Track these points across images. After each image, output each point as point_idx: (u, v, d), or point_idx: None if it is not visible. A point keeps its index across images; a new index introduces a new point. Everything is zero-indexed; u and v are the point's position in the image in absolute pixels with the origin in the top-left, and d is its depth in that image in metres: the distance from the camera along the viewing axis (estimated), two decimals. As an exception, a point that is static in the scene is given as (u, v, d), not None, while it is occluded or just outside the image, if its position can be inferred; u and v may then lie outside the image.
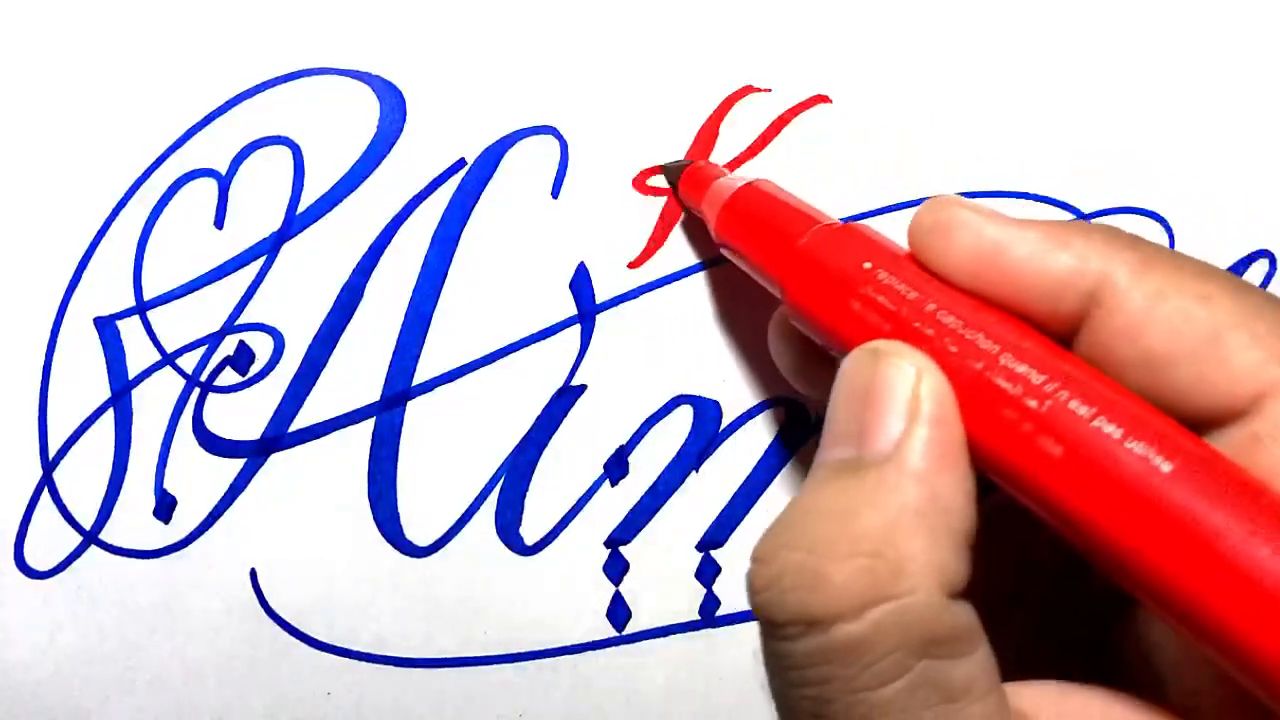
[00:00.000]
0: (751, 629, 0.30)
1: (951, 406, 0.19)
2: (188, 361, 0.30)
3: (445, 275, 0.30)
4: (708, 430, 0.30)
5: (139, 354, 0.30)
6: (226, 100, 0.30)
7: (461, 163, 0.30)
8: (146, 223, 0.30)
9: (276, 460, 0.30)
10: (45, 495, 0.30)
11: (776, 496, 0.30)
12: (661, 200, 0.30)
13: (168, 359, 0.30)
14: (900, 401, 0.19)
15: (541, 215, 0.30)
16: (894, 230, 0.30)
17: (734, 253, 0.27)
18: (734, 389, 0.30)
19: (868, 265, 0.21)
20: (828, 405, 0.20)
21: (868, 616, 0.17)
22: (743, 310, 0.30)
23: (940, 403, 0.19)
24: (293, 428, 0.30)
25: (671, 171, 0.30)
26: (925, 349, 0.20)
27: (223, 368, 0.30)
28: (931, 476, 0.18)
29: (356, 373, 0.30)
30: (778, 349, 0.27)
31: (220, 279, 0.30)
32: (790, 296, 0.23)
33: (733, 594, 0.30)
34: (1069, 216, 0.30)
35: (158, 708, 0.30)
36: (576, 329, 0.30)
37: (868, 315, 0.21)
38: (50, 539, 0.30)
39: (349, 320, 0.30)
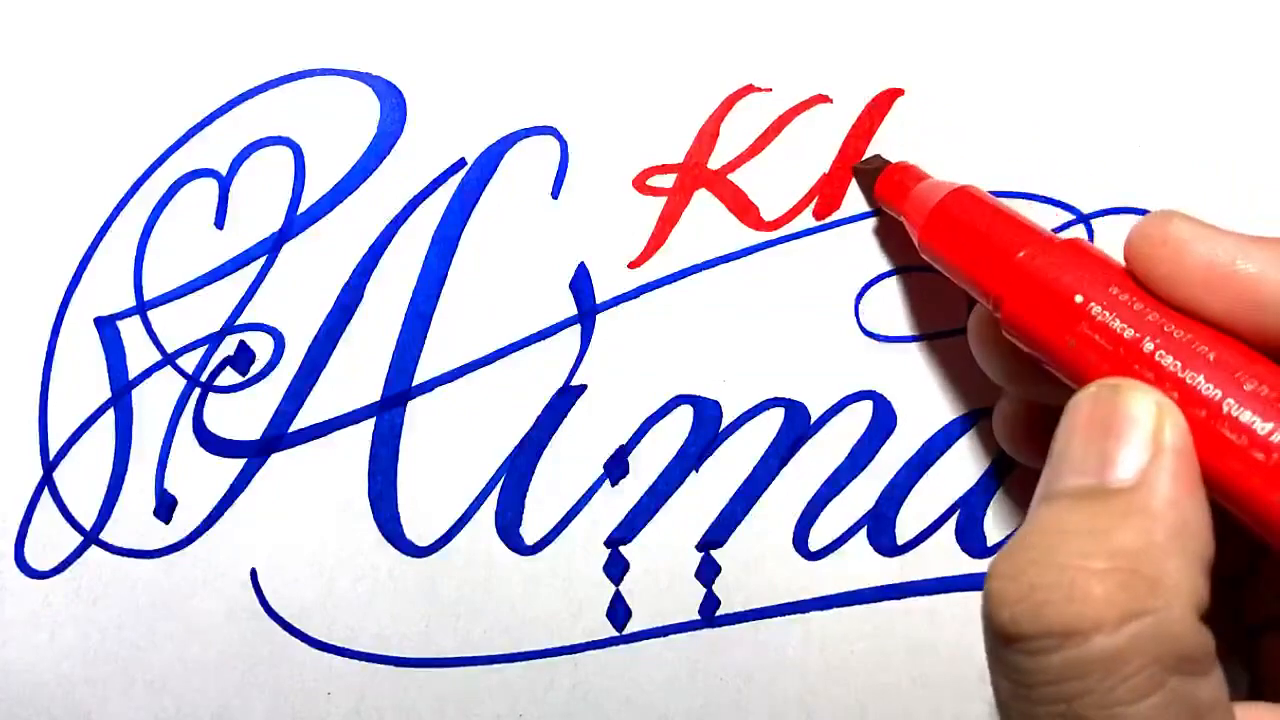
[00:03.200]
0: (751, 629, 0.30)
1: (1189, 439, 0.20)
2: (188, 361, 0.30)
3: (445, 275, 0.30)
4: (708, 430, 0.30)
5: (139, 354, 0.30)
6: (227, 100, 0.30)
7: (461, 163, 0.30)
8: (147, 223, 0.30)
9: (276, 460, 0.30)
10: (45, 495, 0.30)
11: (776, 496, 0.30)
12: (661, 200, 0.30)
13: (168, 359, 0.30)
14: (1144, 433, 0.19)
15: (541, 215, 0.30)
16: (892, 231, 0.30)
17: (937, 259, 0.26)
18: (734, 389, 0.30)
19: (1091, 288, 0.22)
20: (1056, 436, 0.21)
21: (1126, 629, 0.18)
22: (743, 310, 0.30)
23: (1182, 435, 0.19)
24: (293, 428, 0.30)
25: (865, 172, 0.29)
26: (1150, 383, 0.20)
27: (223, 368, 0.30)
28: (1180, 502, 0.19)
29: (356, 373, 0.30)
30: (981, 350, 0.27)
31: (220, 279, 0.30)
32: (1007, 311, 0.23)
33: (733, 594, 0.30)
34: (1069, 216, 0.30)
35: (158, 708, 0.30)
36: (576, 329, 0.30)
37: (1092, 337, 0.21)
38: (50, 539, 0.30)
39: (349, 320, 0.30)
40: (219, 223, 0.30)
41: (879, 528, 0.31)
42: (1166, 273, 0.21)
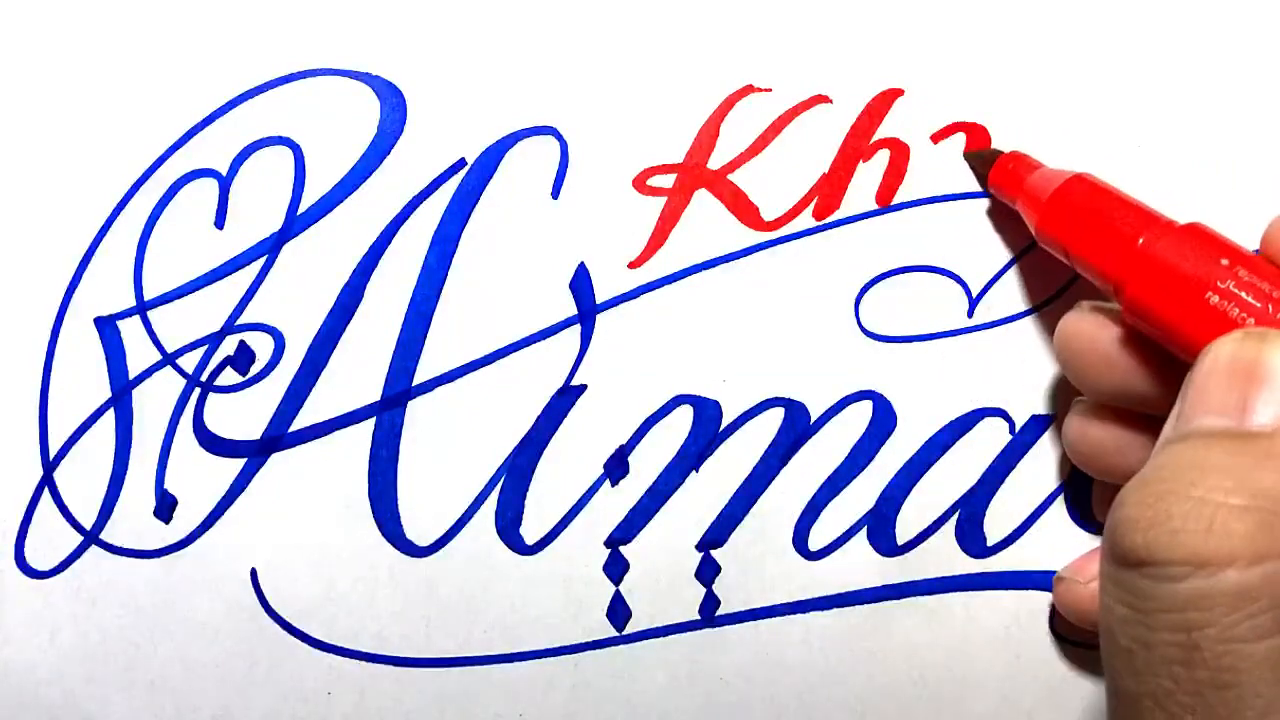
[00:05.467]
0: (751, 629, 0.30)
1: None
2: (188, 361, 0.30)
3: (445, 275, 0.30)
4: (708, 430, 0.30)
5: (139, 354, 0.30)
6: (227, 100, 0.30)
7: (461, 163, 0.30)
8: (147, 223, 0.30)
9: (277, 460, 0.30)
10: (45, 495, 0.30)
11: (776, 496, 0.30)
12: (661, 200, 0.30)
13: (168, 359, 0.30)
14: None
15: (541, 215, 0.30)
16: (892, 232, 0.30)
17: (1056, 246, 0.27)
18: (734, 389, 0.30)
19: (1225, 262, 0.22)
20: (1190, 380, 0.21)
21: (1260, 568, 0.18)
22: (743, 310, 0.30)
23: None
24: (293, 428, 0.30)
25: (979, 159, 0.29)
26: None
27: (223, 368, 0.30)
28: None
29: (357, 373, 0.30)
30: (1077, 346, 0.26)
31: (221, 279, 0.30)
32: (1131, 295, 0.23)
33: (733, 594, 0.30)
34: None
35: (158, 708, 0.30)
36: (576, 329, 0.30)
37: (1228, 308, 0.22)
38: (50, 539, 0.30)
39: (349, 320, 0.30)
40: (219, 223, 0.30)
41: (879, 528, 0.31)
42: None
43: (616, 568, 0.30)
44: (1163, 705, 0.18)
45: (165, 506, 0.30)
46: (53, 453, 0.30)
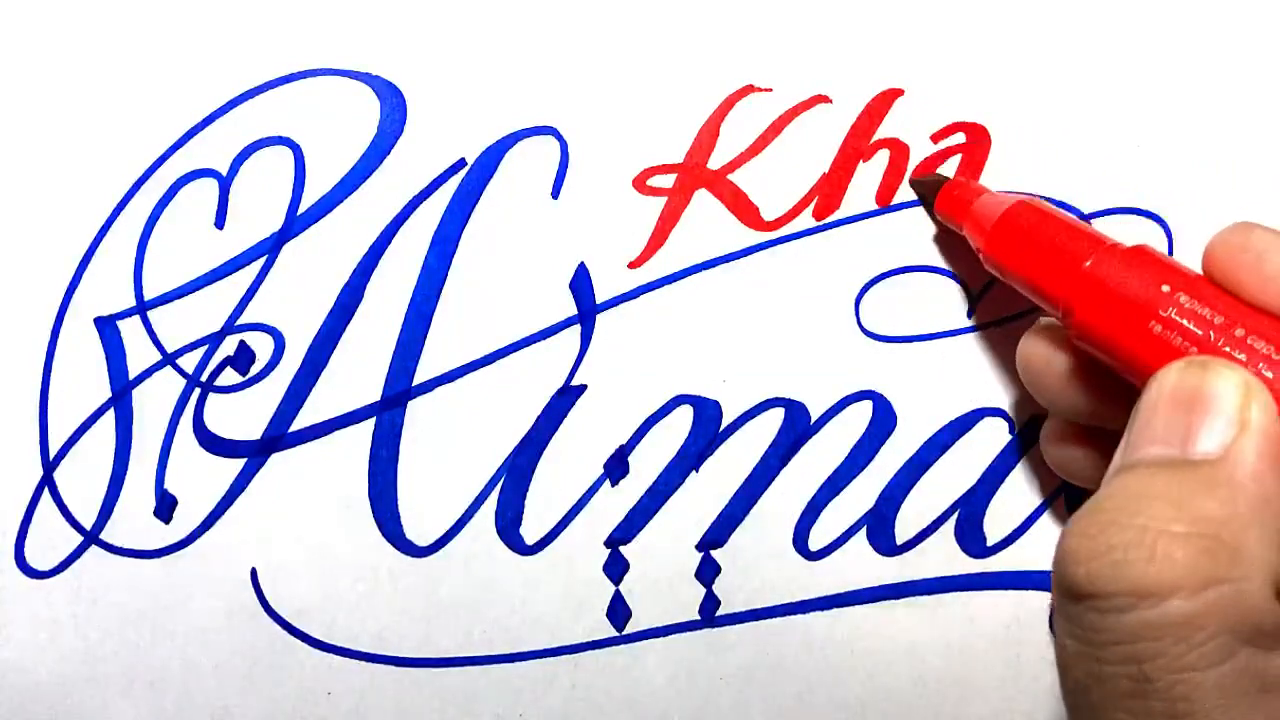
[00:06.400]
0: (751, 629, 0.30)
1: (1276, 421, 0.20)
2: (188, 361, 0.30)
3: (445, 275, 0.30)
4: (708, 430, 0.30)
5: (139, 354, 0.30)
6: (227, 100, 0.30)
7: (461, 163, 0.30)
8: (147, 223, 0.30)
9: (277, 460, 0.30)
10: (45, 495, 0.30)
11: (776, 496, 0.30)
12: (661, 200, 0.30)
13: (168, 359, 0.30)
14: (1230, 410, 0.20)
15: (541, 215, 0.30)
16: (892, 232, 0.30)
17: (1003, 271, 0.26)
18: (734, 389, 0.30)
19: (1166, 288, 0.22)
20: (1138, 410, 0.21)
21: (1204, 595, 0.18)
22: (743, 310, 0.30)
23: (1269, 415, 0.20)
24: (293, 427, 0.30)
25: (925, 185, 0.29)
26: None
27: (223, 368, 0.30)
28: (1263, 477, 0.19)
29: (357, 373, 0.30)
30: (1035, 366, 0.26)
31: (221, 279, 0.30)
32: (1078, 318, 0.23)
33: (733, 594, 0.30)
34: (1069, 216, 0.30)
35: (158, 708, 0.30)
36: (576, 329, 0.30)
37: (1171, 337, 0.22)
38: (50, 539, 0.30)
39: (349, 320, 0.30)
40: (219, 223, 0.30)
41: (879, 528, 0.31)
42: (1246, 278, 0.22)
43: (616, 568, 0.30)
44: None
45: (165, 506, 0.30)
46: (53, 453, 0.30)
